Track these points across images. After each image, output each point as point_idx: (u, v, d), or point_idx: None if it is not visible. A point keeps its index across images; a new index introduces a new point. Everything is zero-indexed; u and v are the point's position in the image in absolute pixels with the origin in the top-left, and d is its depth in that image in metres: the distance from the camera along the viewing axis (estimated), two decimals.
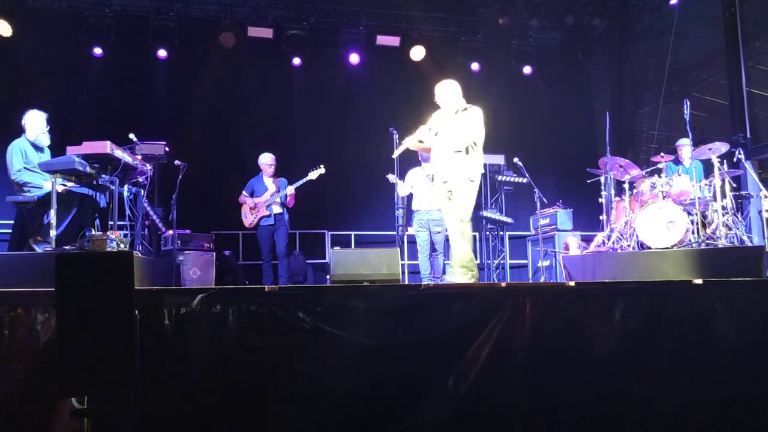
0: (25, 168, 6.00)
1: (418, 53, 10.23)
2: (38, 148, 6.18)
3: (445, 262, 9.51)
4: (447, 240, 7.70)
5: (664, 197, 6.75)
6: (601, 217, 7.57)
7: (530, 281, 8.77)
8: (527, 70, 10.67)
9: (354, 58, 10.18)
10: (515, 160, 8.32)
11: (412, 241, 9.72)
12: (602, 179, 7.54)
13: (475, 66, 10.47)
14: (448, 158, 5.32)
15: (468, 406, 3.76)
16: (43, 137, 6.22)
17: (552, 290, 4.21)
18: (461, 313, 3.89)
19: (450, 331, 3.89)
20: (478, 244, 10.23)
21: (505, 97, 10.48)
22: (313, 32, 10.09)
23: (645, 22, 10.67)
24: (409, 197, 7.42)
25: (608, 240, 7.10)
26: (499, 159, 9.84)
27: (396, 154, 5.52)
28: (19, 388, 3.36)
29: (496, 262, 9.82)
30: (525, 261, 9.70)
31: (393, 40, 10.25)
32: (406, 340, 3.86)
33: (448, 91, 5.58)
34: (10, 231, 6.54)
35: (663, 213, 6.49)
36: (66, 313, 2.92)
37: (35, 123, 6.21)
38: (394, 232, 7.34)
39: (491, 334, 3.82)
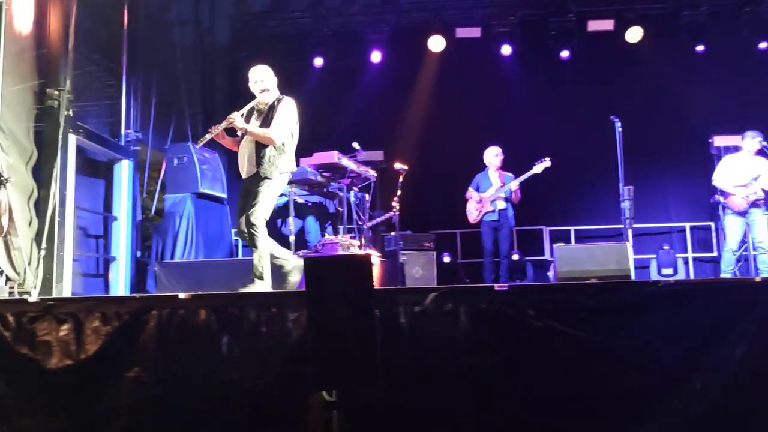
0: None
1: (634, 35, 9.60)
2: None
3: (676, 255, 8.87)
4: None
5: None
6: None
7: None
8: (764, 45, 9.53)
9: (565, 48, 9.85)
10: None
11: (637, 234, 9.19)
12: None
13: (700, 48, 9.61)
14: (261, 151, 4.86)
15: (721, 409, 3.47)
16: None
17: None
18: (707, 311, 3.60)
19: (693, 330, 3.62)
20: (713, 233, 9.40)
21: (740, 72, 9.48)
22: (522, 26, 9.94)
23: None
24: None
25: None
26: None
27: (200, 143, 5.12)
28: (276, 382, 3.72)
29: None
30: None
31: (606, 24, 9.74)
32: (641, 338, 3.67)
33: (269, 76, 5.07)
34: None
35: None
36: (316, 313, 3.19)
37: None
38: (619, 226, 6.93)
39: (745, 333, 3.49)
